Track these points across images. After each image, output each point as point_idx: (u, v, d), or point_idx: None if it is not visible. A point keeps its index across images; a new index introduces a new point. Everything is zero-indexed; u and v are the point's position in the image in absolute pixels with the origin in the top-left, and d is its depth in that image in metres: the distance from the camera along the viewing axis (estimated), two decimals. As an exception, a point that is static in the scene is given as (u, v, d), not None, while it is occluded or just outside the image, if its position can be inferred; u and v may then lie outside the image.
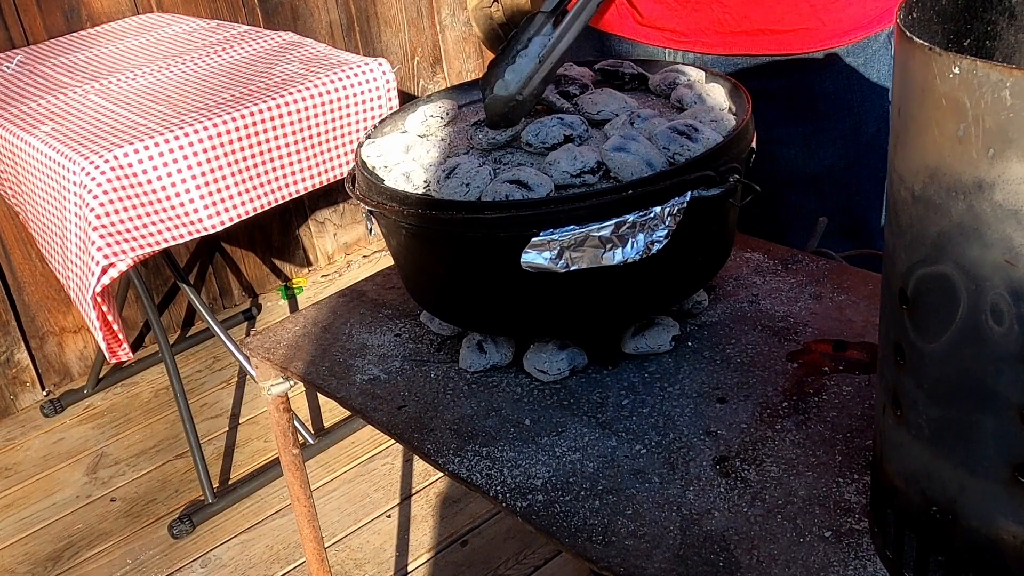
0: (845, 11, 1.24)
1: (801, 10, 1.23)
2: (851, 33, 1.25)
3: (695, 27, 1.28)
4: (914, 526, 0.67)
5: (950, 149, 0.55)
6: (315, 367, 1.07)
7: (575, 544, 0.79)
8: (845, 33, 1.25)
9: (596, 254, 0.87)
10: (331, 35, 2.89)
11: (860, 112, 1.32)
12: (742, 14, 1.24)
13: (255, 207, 1.83)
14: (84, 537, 2.10)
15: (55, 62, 2.22)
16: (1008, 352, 0.56)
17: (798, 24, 1.24)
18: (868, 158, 1.35)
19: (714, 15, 1.25)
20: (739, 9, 1.24)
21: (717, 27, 1.26)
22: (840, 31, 1.25)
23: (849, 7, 1.23)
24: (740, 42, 1.25)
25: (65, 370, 2.63)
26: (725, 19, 1.25)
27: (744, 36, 1.25)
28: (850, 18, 1.24)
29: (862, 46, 1.28)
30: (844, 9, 1.23)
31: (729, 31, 1.25)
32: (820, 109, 1.30)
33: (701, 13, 1.26)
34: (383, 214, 0.95)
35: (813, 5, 1.22)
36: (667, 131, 0.93)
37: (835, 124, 1.32)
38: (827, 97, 1.29)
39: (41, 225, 1.87)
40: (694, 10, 1.26)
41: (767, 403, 0.91)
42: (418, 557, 1.94)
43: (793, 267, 1.11)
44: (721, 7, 1.24)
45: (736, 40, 1.25)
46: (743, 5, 1.23)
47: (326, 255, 3.07)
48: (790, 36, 1.25)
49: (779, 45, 1.25)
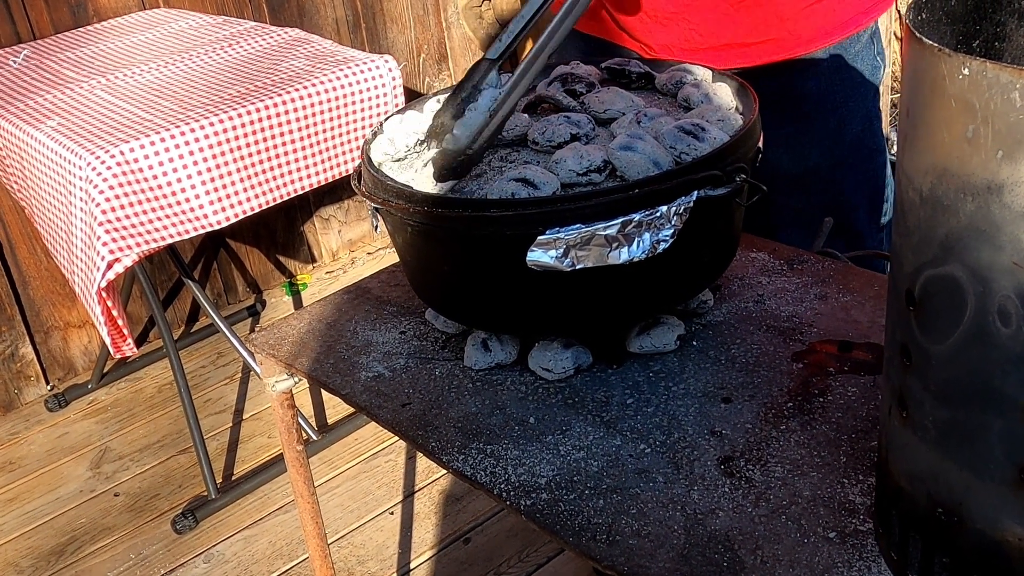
0: (810, 20, 1.24)
1: (768, 22, 1.24)
2: (820, 40, 1.26)
3: (664, 43, 1.29)
4: (919, 528, 0.67)
5: (959, 150, 0.55)
6: (319, 364, 1.07)
7: (579, 543, 0.79)
8: (812, 40, 1.26)
9: (602, 253, 0.86)
10: (337, 32, 2.89)
11: (844, 112, 1.32)
12: (709, 31, 1.25)
13: (260, 203, 1.83)
14: (87, 532, 2.11)
15: (61, 57, 2.22)
16: (1015, 354, 0.56)
17: (765, 36, 1.25)
18: (853, 158, 1.35)
19: (681, 32, 1.26)
20: (706, 26, 1.25)
21: (684, 43, 1.27)
22: (807, 39, 1.26)
23: (814, 16, 1.24)
24: (708, 57, 1.25)
25: (69, 365, 2.63)
26: (692, 36, 1.26)
27: (712, 51, 1.26)
28: (816, 26, 1.25)
29: (843, 47, 1.28)
30: (809, 18, 1.24)
31: (697, 47, 1.27)
32: (804, 110, 1.31)
33: (669, 30, 1.27)
34: (389, 211, 0.95)
35: (780, 16, 1.23)
36: (674, 130, 0.92)
37: (819, 124, 1.32)
38: (810, 98, 1.30)
39: (46, 220, 1.88)
40: (662, 26, 1.27)
41: (772, 403, 0.91)
42: (421, 554, 1.94)
43: (799, 267, 1.11)
44: (688, 25, 1.25)
45: (705, 55, 1.26)
46: (709, 22, 1.24)
47: (331, 252, 3.07)
48: (756, 48, 1.26)
49: (746, 58, 1.27)
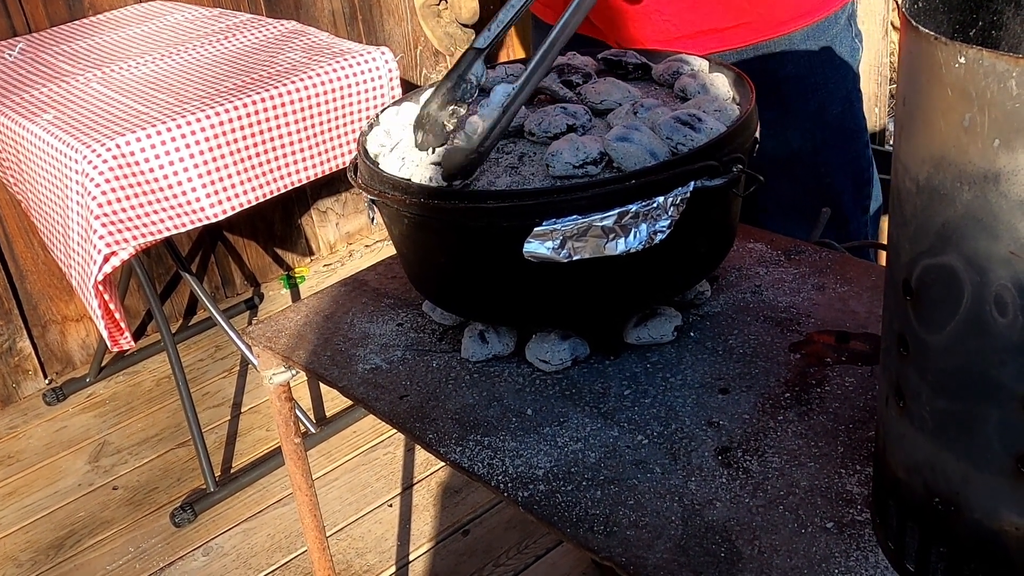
0: (780, 2, 1.24)
1: (741, 6, 1.24)
2: (795, 21, 1.26)
3: (640, 36, 1.29)
4: (916, 518, 0.67)
5: (956, 139, 0.55)
6: (317, 356, 1.07)
7: (576, 534, 0.79)
8: (787, 22, 1.26)
9: (599, 244, 0.86)
10: (334, 24, 2.88)
11: (824, 94, 1.32)
12: (682, 19, 1.26)
13: (257, 196, 1.83)
14: (86, 525, 2.11)
15: (57, 50, 2.22)
16: (1012, 343, 0.56)
17: (739, 19, 1.25)
18: (835, 140, 1.36)
19: (655, 25, 1.27)
20: (679, 16, 1.25)
21: (660, 35, 1.28)
22: (782, 20, 1.26)
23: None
24: (684, 45, 1.26)
25: (67, 358, 2.63)
26: (666, 27, 1.27)
27: (687, 39, 1.27)
28: (791, 7, 1.25)
29: (821, 28, 1.28)
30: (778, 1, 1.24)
31: (673, 37, 1.27)
32: (783, 93, 1.31)
33: (642, 23, 1.27)
34: (385, 203, 0.94)
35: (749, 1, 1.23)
36: (670, 121, 0.92)
37: (800, 107, 1.32)
38: (790, 81, 1.30)
39: (43, 213, 1.87)
40: (634, 20, 1.27)
41: (769, 394, 0.91)
42: (419, 546, 1.94)
43: (796, 258, 1.11)
44: (661, 17, 1.26)
45: (680, 44, 1.26)
46: (682, 11, 1.25)
47: (328, 244, 3.07)
48: (729, 33, 1.26)
49: (721, 42, 1.27)
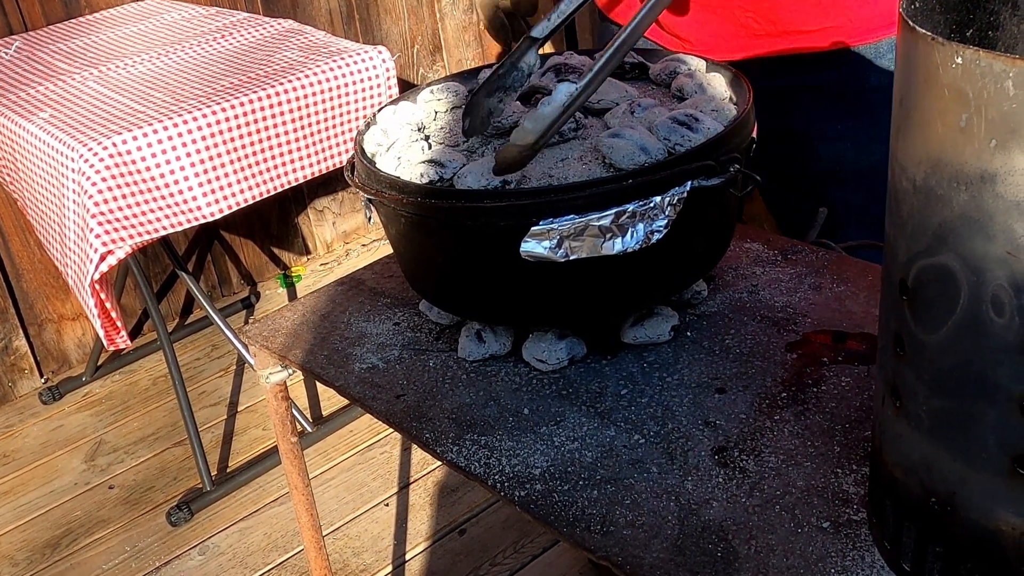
0: (872, 7, 1.21)
1: (827, 8, 1.21)
2: (882, 30, 1.22)
3: (717, 33, 1.26)
4: (913, 517, 0.67)
5: (952, 140, 0.55)
6: (313, 355, 1.07)
7: (573, 533, 0.79)
8: (873, 31, 1.22)
9: (596, 243, 0.86)
10: (331, 23, 2.88)
11: None
12: (767, 17, 1.22)
13: (254, 195, 1.83)
14: (82, 524, 2.10)
15: (53, 48, 2.21)
16: (1008, 343, 0.56)
17: (825, 22, 1.21)
18: None
19: (738, 20, 1.23)
20: (764, 12, 1.22)
21: (743, 31, 1.24)
22: (866, 28, 1.22)
23: (878, 3, 1.21)
24: (765, 44, 1.23)
25: (63, 357, 2.63)
26: (749, 23, 1.23)
27: (768, 38, 1.23)
28: (879, 14, 1.22)
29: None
30: (871, 5, 1.21)
31: (755, 34, 1.24)
32: (867, 103, 1.27)
33: (722, 17, 1.24)
34: (382, 202, 0.94)
35: (837, 3, 1.20)
36: (667, 121, 0.92)
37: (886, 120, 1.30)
38: (877, 91, 1.25)
39: (39, 212, 1.87)
40: (713, 14, 1.24)
41: (766, 394, 0.91)
42: (416, 545, 1.94)
43: (793, 257, 1.11)
44: (744, 11, 1.22)
45: (761, 42, 1.23)
46: (769, 7, 1.21)
47: (325, 243, 3.07)
48: (816, 35, 1.22)
49: (806, 42, 1.23)
